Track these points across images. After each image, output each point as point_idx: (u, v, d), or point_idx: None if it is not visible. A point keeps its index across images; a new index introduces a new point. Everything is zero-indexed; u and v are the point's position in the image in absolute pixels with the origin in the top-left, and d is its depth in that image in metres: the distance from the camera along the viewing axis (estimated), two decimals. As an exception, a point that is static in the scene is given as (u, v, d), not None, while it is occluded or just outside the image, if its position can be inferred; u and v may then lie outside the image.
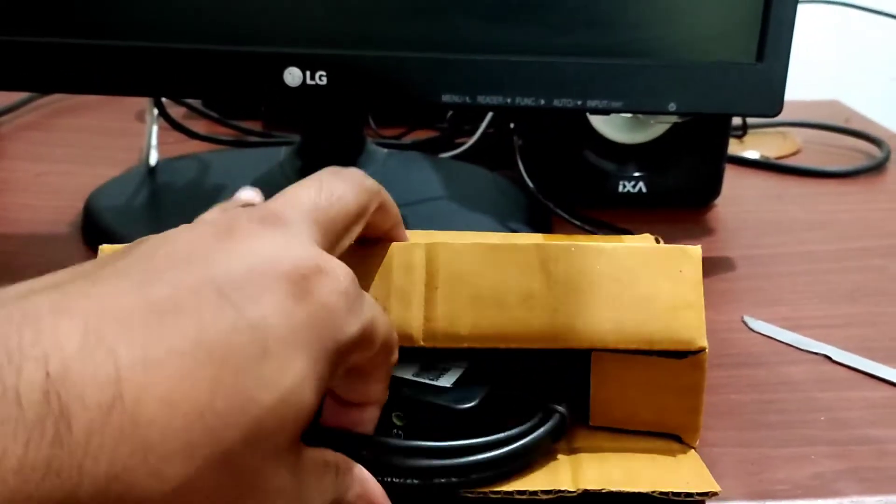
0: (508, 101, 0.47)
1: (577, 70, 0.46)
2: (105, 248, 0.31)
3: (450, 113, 0.70)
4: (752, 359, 0.40)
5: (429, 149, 0.67)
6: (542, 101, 0.47)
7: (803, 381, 0.38)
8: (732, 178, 0.64)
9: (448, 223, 0.49)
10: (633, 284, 0.31)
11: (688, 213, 0.58)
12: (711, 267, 0.49)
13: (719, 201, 0.59)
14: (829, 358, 0.40)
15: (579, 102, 0.47)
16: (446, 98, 0.47)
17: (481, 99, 0.47)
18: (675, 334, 0.31)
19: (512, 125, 0.65)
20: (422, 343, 0.31)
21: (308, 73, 0.46)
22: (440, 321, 0.31)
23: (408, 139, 0.70)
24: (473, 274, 0.31)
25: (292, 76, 0.46)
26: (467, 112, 0.67)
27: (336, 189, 0.27)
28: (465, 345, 0.31)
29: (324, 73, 0.46)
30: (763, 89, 0.46)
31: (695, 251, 0.31)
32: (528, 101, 0.47)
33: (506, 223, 0.52)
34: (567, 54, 0.46)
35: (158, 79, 0.46)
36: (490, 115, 0.65)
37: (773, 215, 0.58)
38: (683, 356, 0.31)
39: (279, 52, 0.46)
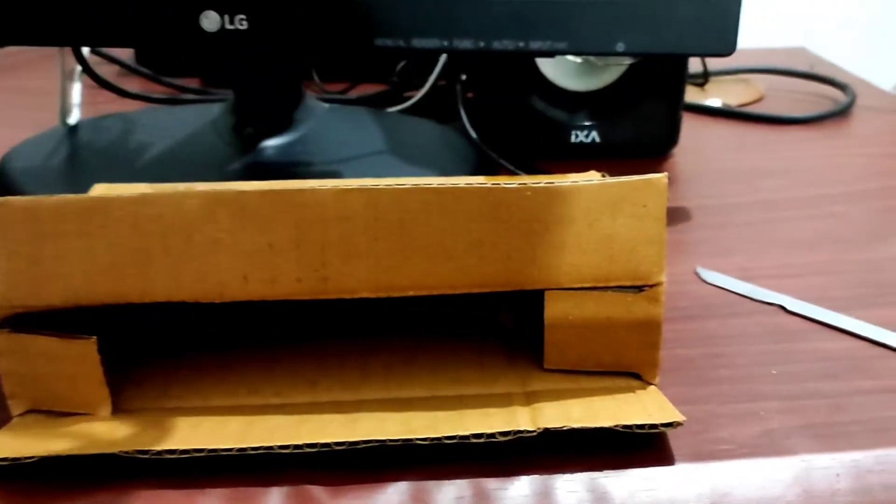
0: (445, 43, 0.44)
1: (518, 9, 0.43)
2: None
3: (400, 65, 0.66)
4: (703, 311, 0.37)
5: (376, 103, 0.64)
6: (482, 44, 0.44)
7: (756, 333, 0.35)
8: (693, 127, 0.61)
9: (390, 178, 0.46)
10: (594, 225, 0.29)
11: (645, 163, 0.55)
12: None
13: (678, 151, 0.56)
14: (783, 308, 0.37)
15: (521, 44, 0.44)
16: (379, 42, 0.44)
17: (416, 42, 0.44)
18: (634, 271, 0.29)
19: (464, 77, 0.62)
20: (366, 295, 0.29)
21: (227, 16, 0.43)
22: (384, 273, 0.29)
23: (354, 94, 0.67)
24: (418, 221, 0.28)
25: (209, 20, 0.43)
26: (414, 62, 0.63)
27: None
28: (412, 293, 0.29)
29: (244, 16, 0.43)
30: (716, 27, 0.43)
31: (660, 182, 0.29)
32: (466, 44, 0.44)
33: (451, 177, 0.49)
34: (507, -8, 0.43)
35: (65, 26, 0.42)
36: (440, 66, 0.62)
37: (733, 164, 0.55)
38: (640, 290, 0.30)
39: (194, -6, 0.42)
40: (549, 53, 0.44)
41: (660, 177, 0.29)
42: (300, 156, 0.51)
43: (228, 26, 0.43)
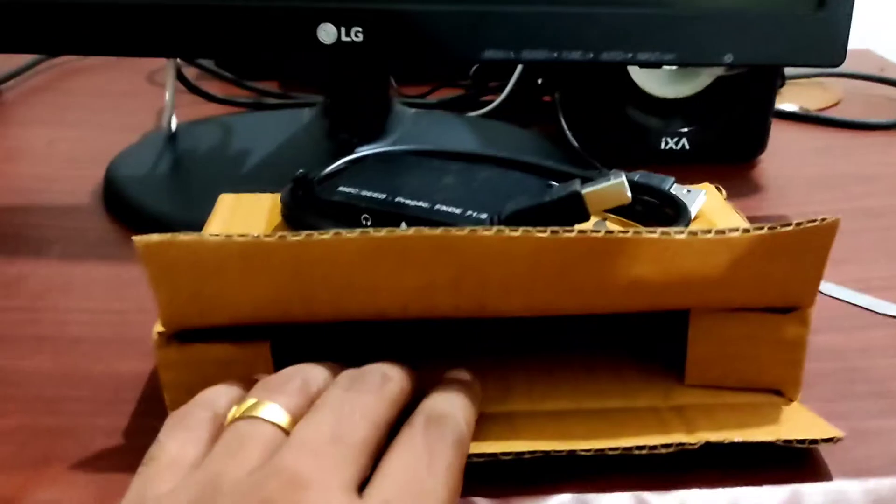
0: (555, 55, 0.44)
1: (627, 21, 0.44)
2: (138, 242, 0.28)
3: (473, 68, 0.67)
4: (828, 324, 0.38)
5: (455, 107, 0.64)
6: (591, 55, 0.44)
7: (885, 346, 0.36)
8: (774, 132, 0.61)
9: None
10: (753, 266, 0.29)
11: (733, 168, 0.55)
12: (766, 226, 0.47)
13: (763, 156, 0.57)
14: (908, 321, 0.38)
15: (629, 55, 0.44)
16: (488, 54, 0.44)
17: (526, 54, 0.44)
18: (784, 297, 0.29)
19: (540, 80, 0.62)
20: (521, 315, 0.29)
21: (343, 29, 0.43)
22: (540, 303, 0.29)
23: (431, 98, 0.67)
24: (579, 266, 0.28)
25: (326, 33, 0.43)
26: (497, 67, 0.64)
27: (357, 405, 0.25)
28: (565, 314, 0.29)
29: (360, 29, 0.43)
30: (824, 38, 0.44)
31: (832, 227, 0.28)
32: (575, 56, 0.44)
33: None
34: (617, 4, 0.43)
35: (182, 38, 0.43)
36: (518, 70, 0.63)
37: (821, 170, 0.55)
38: (788, 311, 0.30)
39: (313, 7, 0.43)
40: (656, 64, 0.45)
41: (831, 221, 0.28)
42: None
43: (345, 39, 0.43)
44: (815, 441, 0.28)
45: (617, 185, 0.30)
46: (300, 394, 0.26)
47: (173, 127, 0.54)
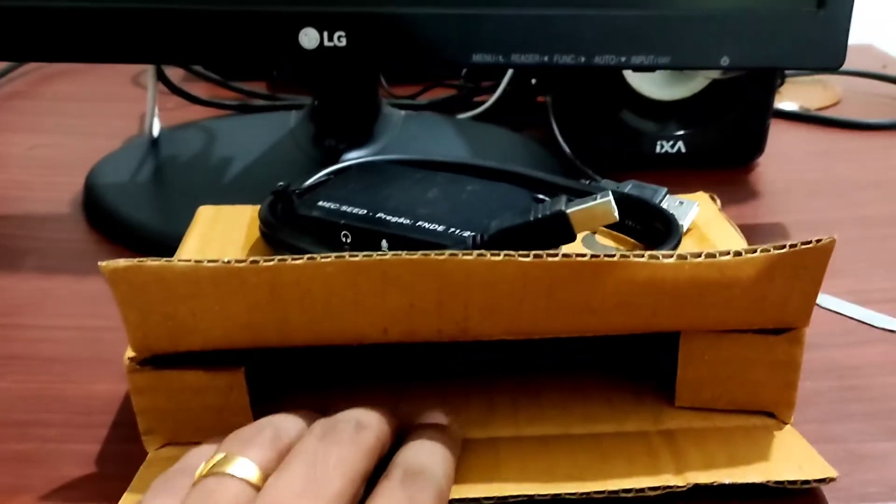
0: (546, 59, 0.43)
1: (620, 24, 0.42)
2: (104, 267, 0.27)
3: (465, 69, 0.65)
4: (824, 339, 0.36)
5: (446, 109, 0.63)
6: (583, 59, 0.43)
7: (883, 363, 0.35)
8: (772, 133, 0.60)
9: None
10: (749, 289, 0.28)
11: (729, 173, 0.54)
12: (763, 235, 0.46)
13: (762, 159, 0.55)
14: (907, 336, 0.36)
15: (623, 59, 0.43)
16: (477, 58, 0.43)
17: (516, 58, 0.43)
18: (779, 319, 0.28)
19: (534, 81, 0.61)
20: (505, 338, 0.28)
21: (326, 33, 0.42)
22: (526, 324, 0.28)
23: (422, 98, 0.66)
24: (567, 287, 0.27)
25: (308, 38, 0.42)
26: (488, 68, 0.62)
27: (331, 456, 0.24)
28: (550, 336, 0.28)
29: (343, 33, 0.42)
30: (824, 40, 0.42)
31: (828, 247, 0.27)
32: (566, 60, 0.43)
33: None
34: (609, 6, 0.42)
35: (161, 44, 0.42)
36: (510, 71, 0.61)
37: (822, 174, 0.54)
38: (781, 332, 0.29)
39: (294, 12, 0.41)
40: (651, 68, 0.43)
41: (827, 242, 0.27)
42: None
43: (327, 44, 0.42)
44: (806, 482, 0.27)
45: (603, 204, 0.29)
46: (272, 446, 0.25)
47: (155, 132, 0.53)
